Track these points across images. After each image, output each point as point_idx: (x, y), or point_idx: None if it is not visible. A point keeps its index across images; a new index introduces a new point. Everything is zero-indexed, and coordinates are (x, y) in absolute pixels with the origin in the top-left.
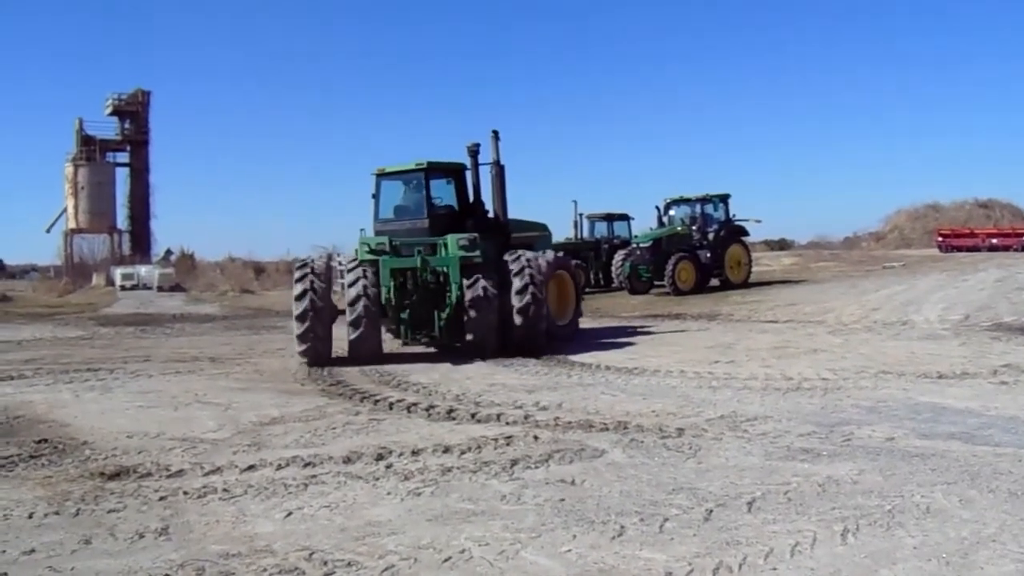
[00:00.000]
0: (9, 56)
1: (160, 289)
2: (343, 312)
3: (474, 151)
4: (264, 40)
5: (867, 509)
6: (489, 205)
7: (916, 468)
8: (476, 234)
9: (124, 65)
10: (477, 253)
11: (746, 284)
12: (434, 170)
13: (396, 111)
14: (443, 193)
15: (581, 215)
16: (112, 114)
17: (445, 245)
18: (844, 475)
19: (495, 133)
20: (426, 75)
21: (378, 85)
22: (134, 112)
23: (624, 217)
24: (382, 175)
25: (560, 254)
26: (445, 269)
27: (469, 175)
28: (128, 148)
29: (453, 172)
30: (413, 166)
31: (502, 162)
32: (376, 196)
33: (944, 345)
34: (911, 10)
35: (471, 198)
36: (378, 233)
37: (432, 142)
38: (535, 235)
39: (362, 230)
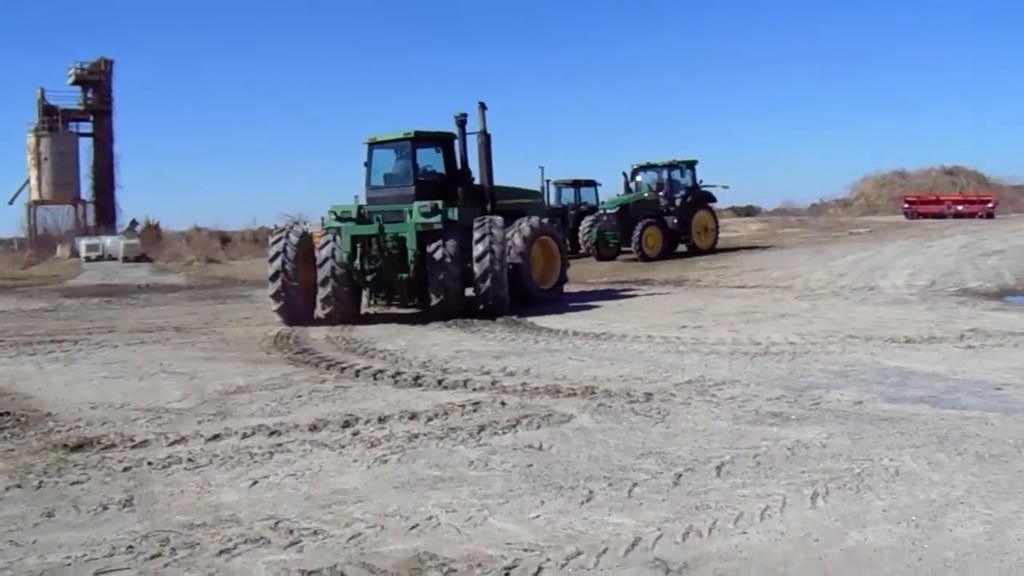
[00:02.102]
0: None
1: (125, 260)
2: None
3: (461, 121)
4: (228, 7)
5: (836, 472)
6: (476, 173)
7: (884, 432)
8: (439, 201)
9: (86, 34)
10: (437, 219)
11: (713, 250)
12: (422, 139)
13: (366, 79)
14: (431, 161)
15: (548, 181)
16: (74, 83)
17: (410, 212)
18: (813, 439)
19: (482, 104)
20: (393, 42)
21: (345, 51)
22: (97, 81)
23: (591, 183)
24: (373, 144)
25: (546, 220)
26: (404, 235)
27: (457, 144)
28: (91, 118)
29: (441, 141)
30: (401, 135)
31: (488, 132)
32: (368, 164)
33: (911, 310)
34: None
35: (459, 166)
36: (369, 200)
37: (406, 111)
38: (527, 202)
39: (356, 197)
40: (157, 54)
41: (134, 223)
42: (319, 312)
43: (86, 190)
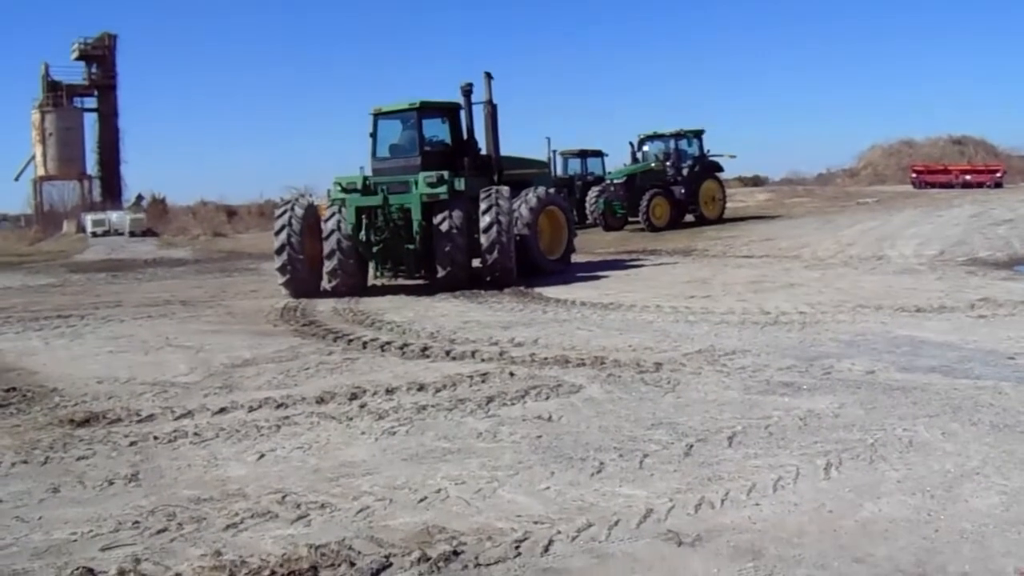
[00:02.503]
0: None
1: (132, 235)
2: None
3: (467, 90)
4: None
5: (849, 443)
6: (482, 144)
7: (897, 401)
8: (445, 171)
9: (89, 7)
10: (443, 190)
11: (721, 220)
12: (427, 109)
13: (372, 51)
14: (437, 131)
15: (554, 152)
16: (78, 59)
17: (415, 183)
18: (825, 409)
19: (488, 74)
20: (402, 14)
21: (354, 23)
22: (101, 56)
23: (598, 154)
24: (379, 114)
25: (552, 190)
26: (409, 206)
27: (463, 114)
28: (96, 93)
29: (447, 111)
30: (407, 105)
31: (495, 102)
32: (373, 135)
33: (921, 279)
34: None
35: (465, 136)
36: (375, 171)
37: (413, 83)
38: (533, 172)
39: (361, 168)
40: (160, 26)
41: (140, 198)
42: (326, 284)
43: (91, 165)
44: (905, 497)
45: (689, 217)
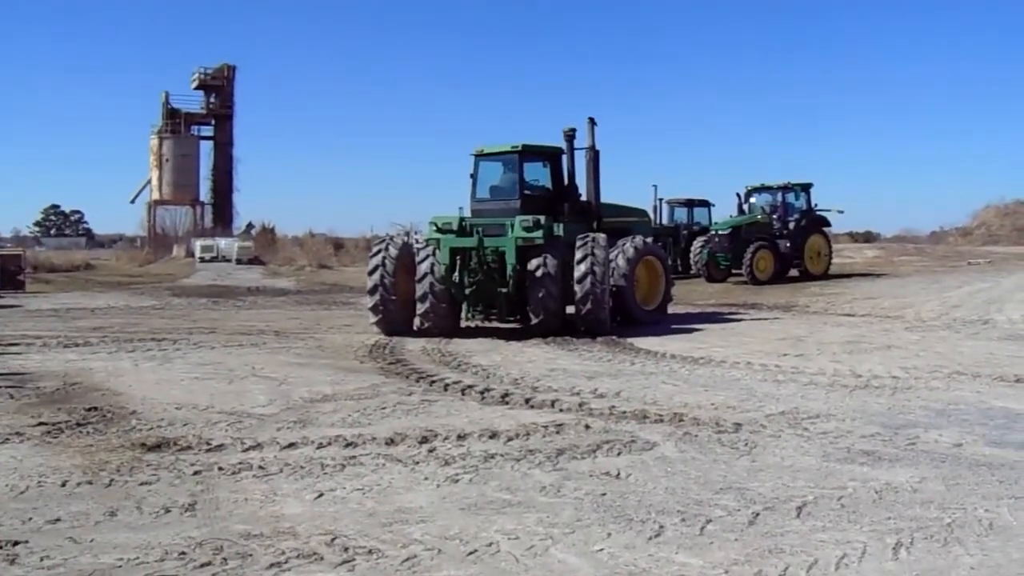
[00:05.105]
0: (101, 30)
1: (239, 262)
2: None
3: (570, 136)
4: (352, 13)
5: (925, 521)
6: (583, 189)
7: (983, 479)
8: (541, 216)
9: (210, 38)
10: (538, 235)
11: (826, 275)
12: (529, 153)
13: (487, 93)
14: (538, 175)
15: (661, 200)
16: (198, 88)
17: (511, 226)
18: (904, 482)
19: (591, 120)
20: (519, 55)
21: (469, 65)
22: (219, 86)
23: (704, 203)
24: (480, 155)
25: (650, 240)
26: (504, 249)
27: (565, 159)
28: (212, 122)
29: (549, 155)
30: (508, 148)
31: (597, 148)
32: (474, 176)
33: None
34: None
35: (566, 182)
36: (474, 212)
37: (524, 124)
38: (633, 220)
39: (460, 208)
40: (278, 60)
41: (250, 226)
42: (417, 325)
43: (205, 192)
44: None
45: (793, 272)
